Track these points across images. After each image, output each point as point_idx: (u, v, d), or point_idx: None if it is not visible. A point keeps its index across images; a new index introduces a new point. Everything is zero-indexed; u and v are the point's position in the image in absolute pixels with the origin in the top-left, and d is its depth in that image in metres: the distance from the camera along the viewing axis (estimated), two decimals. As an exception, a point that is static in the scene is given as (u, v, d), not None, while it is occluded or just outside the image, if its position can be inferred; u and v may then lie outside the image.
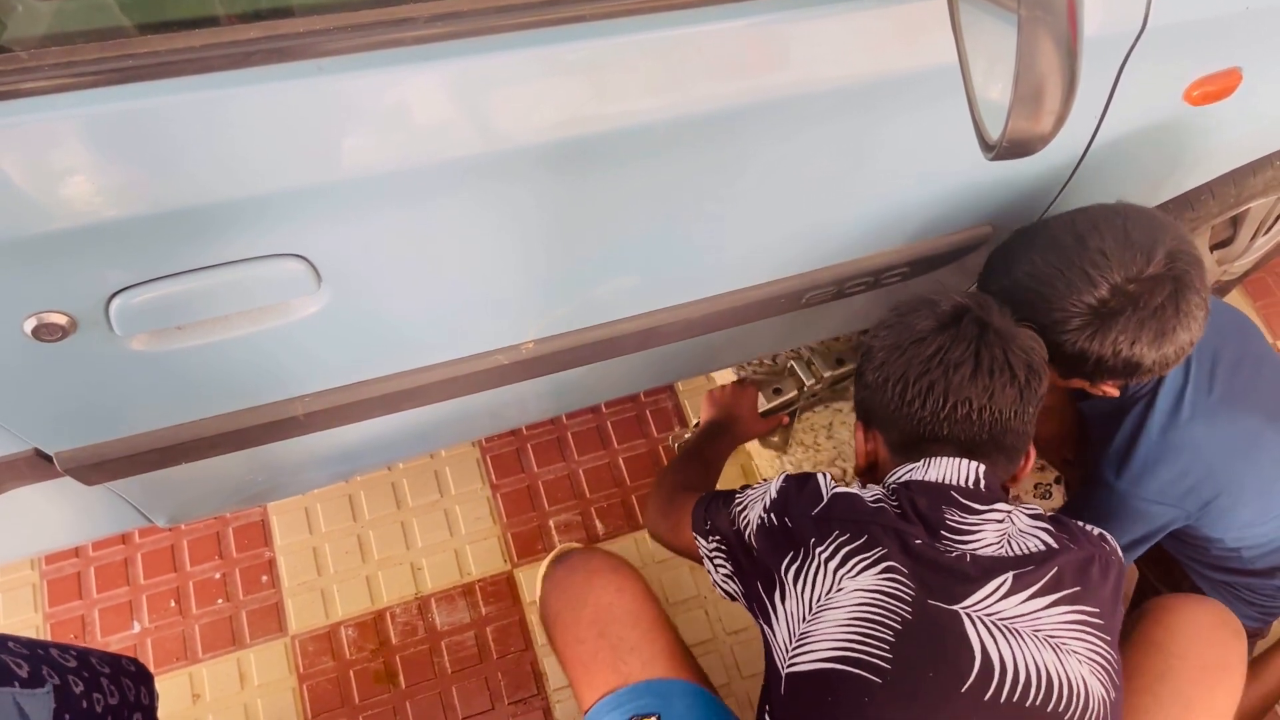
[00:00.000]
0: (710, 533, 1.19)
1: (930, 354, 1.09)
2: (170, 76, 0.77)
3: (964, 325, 1.10)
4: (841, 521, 1.06)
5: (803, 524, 1.08)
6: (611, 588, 1.22)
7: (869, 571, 1.03)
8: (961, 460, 1.09)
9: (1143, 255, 1.12)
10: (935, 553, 1.04)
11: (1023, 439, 1.13)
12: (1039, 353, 1.12)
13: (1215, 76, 1.16)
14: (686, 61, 0.91)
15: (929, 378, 1.09)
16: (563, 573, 1.26)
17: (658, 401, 2.01)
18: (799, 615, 1.05)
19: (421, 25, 0.82)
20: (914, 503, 1.07)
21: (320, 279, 0.94)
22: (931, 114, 1.06)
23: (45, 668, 1.03)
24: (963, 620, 1.00)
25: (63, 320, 0.86)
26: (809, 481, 1.13)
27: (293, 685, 1.70)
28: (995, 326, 1.10)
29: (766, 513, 1.11)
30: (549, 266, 1.07)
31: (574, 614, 1.21)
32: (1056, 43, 0.74)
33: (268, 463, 1.23)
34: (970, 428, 1.09)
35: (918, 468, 1.10)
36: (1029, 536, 1.08)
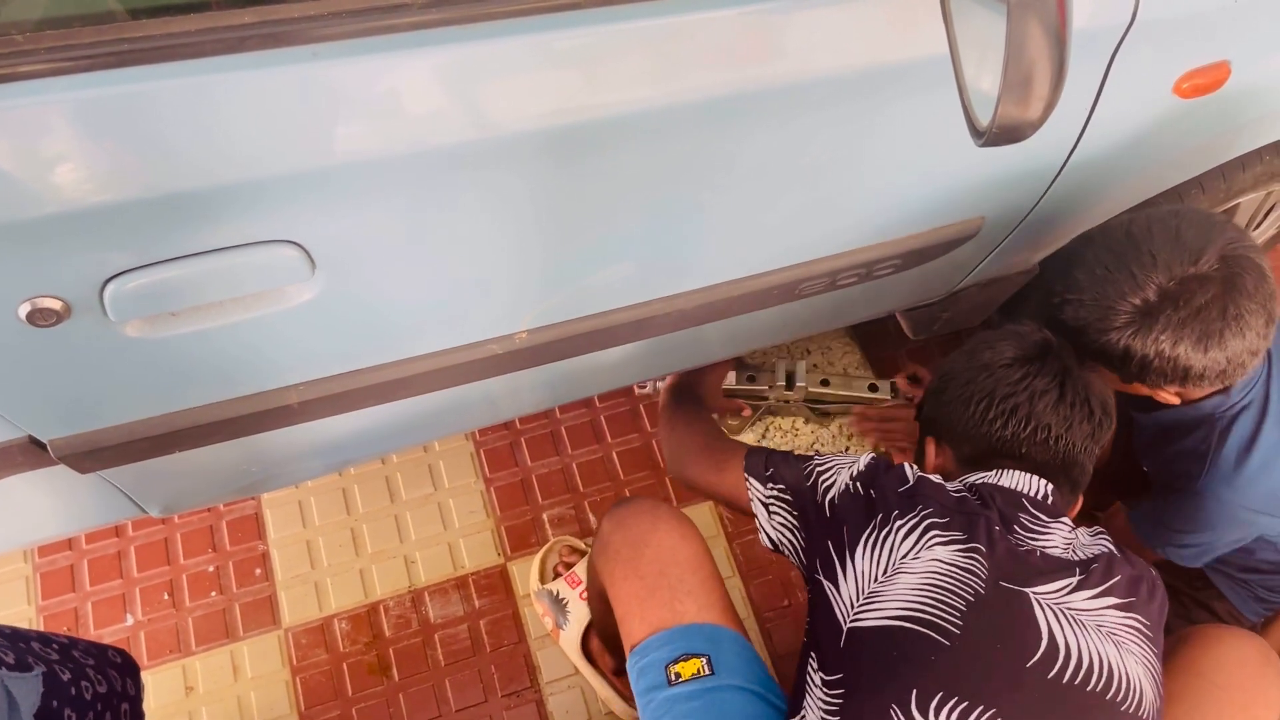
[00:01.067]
0: (772, 480, 1.23)
1: (1018, 378, 1.17)
2: (165, 61, 0.77)
3: (1049, 359, 1.19)
4: (927, 499, 1.11)
5: (889, 497, 1.13)
6: (676, 533, 1.23)
7: (948, 547, 1.08)
8: (1032, 475, 1.16)
9: (1190, 255, 1.14)
10: (1009, 543, 1.09)
11: (1084, 476, 1.21)
12: (1112, 399, 1.21)
13: (1205, 70, 1.17)
14: (681, 50, 0.92)
15: (1015, 399, 1.16)
16: (628, 512, 1.26)
17: (651, 396, 2.01)
18: (871, 575, 1.09)
19: (416, 11, 0.82)
20: (990, 501, 1.12)
21: (314, 266, 0.94)
22: (925, 104, 1.07)
23: (30, 657, 1.03)
24: (1032, 603, 1.05)
25: (57, 305, 0.86)
26: (896, 466, 1.18)
27: (286, 678, 1.70)
28: (1075, 367, 1.19)
29: (853, 480, 1.16)
30: (543, 255, 1.07)
31: (636, 551, 1.21)
32: (1046, 29, 0.75)
33: (262, 452, 1.23)
34: (1045, 452, 1.16)
35: (990, 475, 1.17)
36: (1092, 547, 1.13)
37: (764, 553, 1.86)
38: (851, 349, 1.95)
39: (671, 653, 1.12)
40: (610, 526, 1.26)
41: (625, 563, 1.21)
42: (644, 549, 1.20)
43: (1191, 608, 1.62)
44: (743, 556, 1.85)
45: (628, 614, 1.19)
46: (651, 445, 1.96)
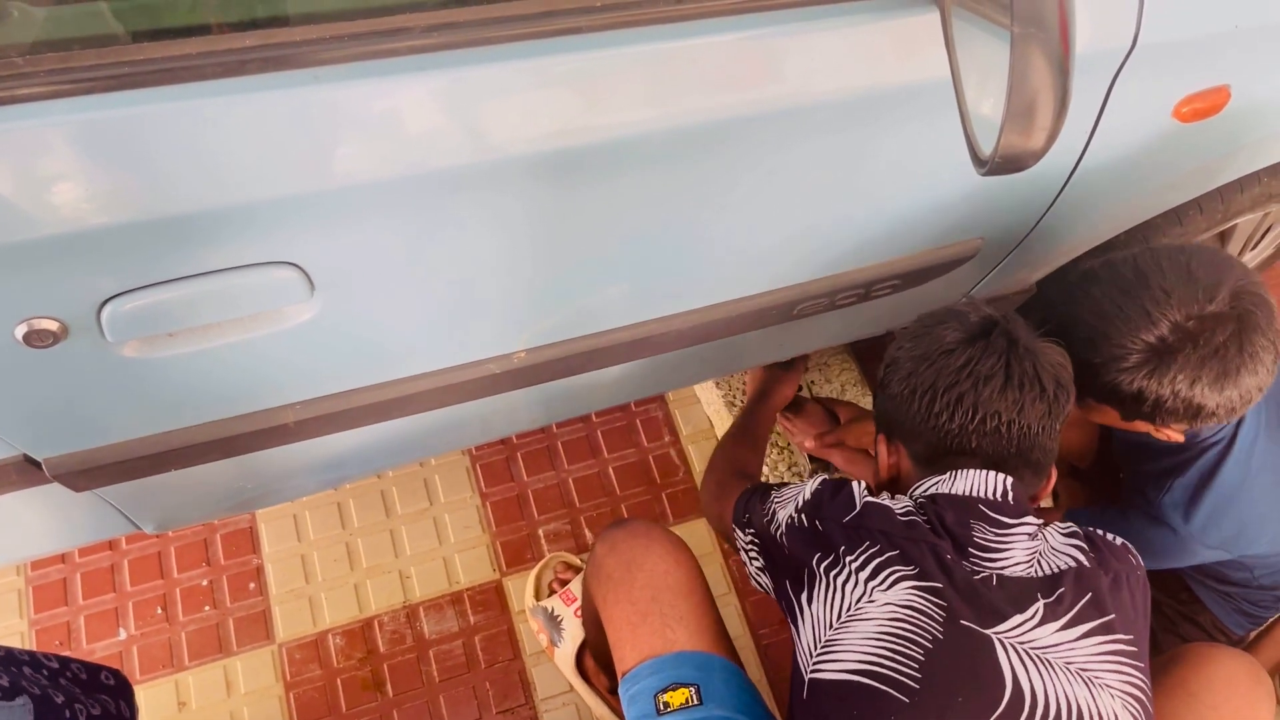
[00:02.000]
0: (746, 525, 1.20)
1: (960, 365, 1.08)
2: (165, 84, 0.77)
3: (994, 338, 1.09)
4: (873, 532, 1.05)
5: (833, 529, 1.07)
6: (670, 558, 1.21)
7: (900, 586, 1.02)
8: (989, 473, 1.08)
9: (1205, 293, 1.12)
10: (965, 573, 1.03)
11: (1048, 455, 1.12)
12: (1067, 369, 1.12)
13: (1204, 94, 1.17)
14: (680, 74, 0.92)
15: (958, 389, 1.08)
16: (622, 535, 1.25)
17: (648, 411, 2.01)
18: (825, 621, 1.04)
19: (417, 35, 0.82)
20: (942, 518, 1.06)
21: (313, 287, 0.94)
22: (924, 128, 1.07)
23: (23, 681, 1.02)
24: (995, 646, 0.99)
25: (54, 326, 0.86)
26: (843, 488, 1.11)
27: (279, 693, 1.69)
28: (1024, 341, 1.09)
29: (798, 513, 1.11)
30: (541, 276, 1.07)
31: (629, 574, 1.20)
32: (1049, 59, 0.75)
33: (257, 470, 1.22)
34: (998, 441, 1.08)
35: (944, 480, 1.09)
36: (1061, 555, 1.07)
37: (760, 569, 1.85)
38: (849, 366, 1.95)
39: (661, 681, 1.11)
40: (604, 549, 1.25)
41: (617, 586, 1.20)
42: (637, 573, 1.20)
43: (1177, 621, 1.62)
44: (738, 573, 1.85)
45: (619, 639, 1.18)
46: (648, 460, 1.96)
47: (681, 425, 2.00)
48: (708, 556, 1.86)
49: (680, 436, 1.99)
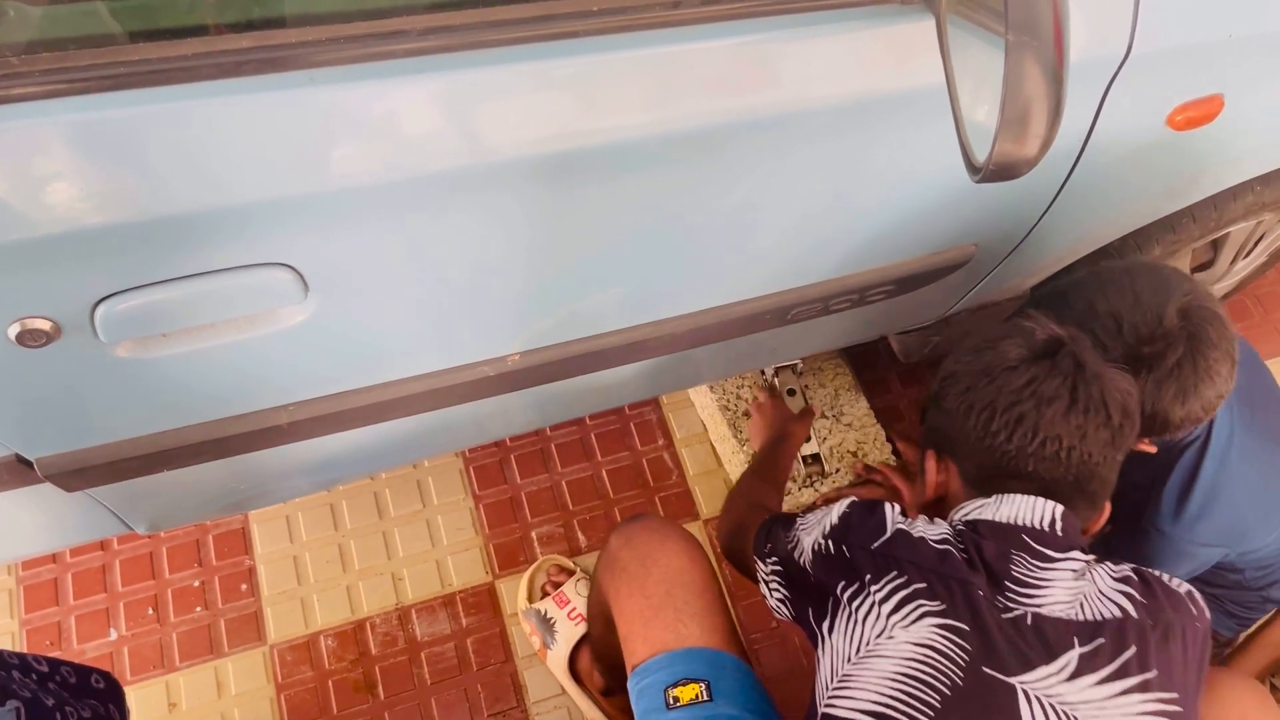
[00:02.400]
0: (769, 555, 1.16)
1: (1022, 384, 1.02)
2: (161, 85, 0.77)
3: (1060, 359, 1.03)
4: (902, 562, 1.00)
5: (860, 556, 1.02)
6: (685, 554, 1.21)
7: (924, 622, 0.96)
8: (1038, 500, 1.02)
9: (1153, 315, 1.13)
10: (996, 611, 0.96)
11: (1105, 487, 1.06)
12: (1134, 397, 1.06)
13: (1198, 102, 1.17)
14: (677, 79, 0.92)
15: (1019, 409, 1.01)
16: (638, 529, 1.24)
17: (642, 414, 2.01)
18: (844, 654, 1.00)
19: (414, 38, 0.82)
20: (980, 548, 1.00)
21: (308, 288, 0.94)
22: (919, 134, 1.07)
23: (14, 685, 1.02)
24: (1018, 696, 0.93)
25: (47, 326, 0.86)
26: (875, 511, 1.06)
27: (270, 695, 1.68)
28: (1091, 364, 1.03)
29: (825, 538, 1.06)
30: (537, 279, 1.07)
31: (644, 569, 1.19)
32: (1043, 68, 0.75)
33: (250, 471, 1.22)
34: (1056, 467, 1.02)
35: (989, 504, 1.04)
36: (1107, 601, 0.99)
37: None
38: (843, 371, 1.95)
39: (671, 675, 1.11)
40: (619, 543, 1.24)
41: (632, 580, 1.19)
42: (652, 568, 1.19)
43: None
44: (732, 577, 1.84)
45: (631, 633, 1.17)
46: (642, 463, 1.96)
47: (675, 429, 2.00)
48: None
49: (674, 440, 1.99)
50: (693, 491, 1.93)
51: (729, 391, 1.91)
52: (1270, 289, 2.30)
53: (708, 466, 1.96)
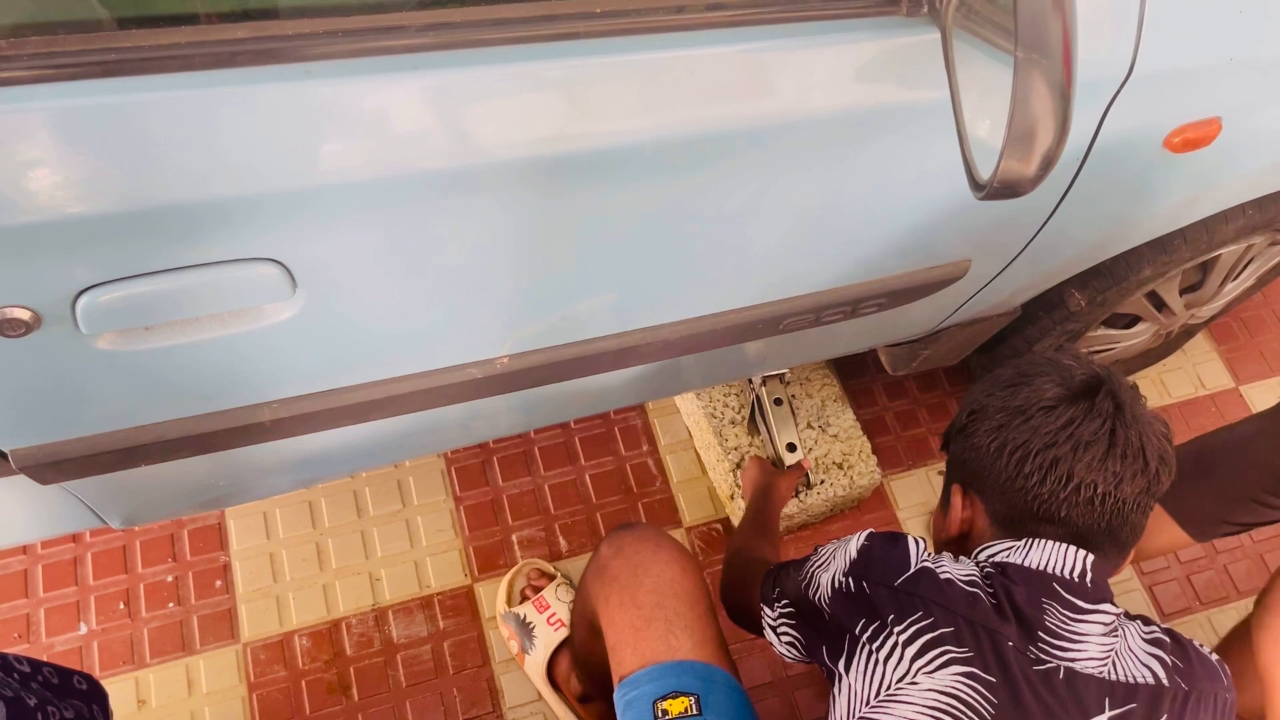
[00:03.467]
0: (777, 600, 1.12)
1: (1059, 426, 0.98)
2: (152, 73, 0.75)
3: (1099, 400, 0.99)
4: (928, 603, 0.95)
5: (882, 594, 0.98)
6: (676, 565, 1.19)
7: (949, 670, 0.92)
8: (1069, 547, 0.98)
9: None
10: (1027, 663, 0.92)
11: (1135, 534, 1.02)
12: (1171, 443, 1.02)
13: (1196, 125, 1.17)
14: (676, 84, 0.91)
15: (1054, 452, 0.97)
16: (629, 538, 1.22)
17: (627, 419, 2.00)
18: (863, 695, 0.96)
19: (413, 34, 0.81)
20: (1011, 594, 0.95)
21: (295, 284, 0.92)
22: (918, 148, 1.06)
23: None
24: None
25: (26, 316, 0.84)
26: (897, 544, 1.02)
27: (242, 694, 1.66)
28: (1130, 407, 0.99)
29: (845, 575, 1.02)
30: (528, 282, 1.06)
31: (635, 579, 1.17)
32: (1052, 86, 0.74)
33: (230, 467, 1.20)
34: (1089, 514, 0.98)
35: (1016, 548, 1.00)
36: (1140, 666, 0.96)
37: (734, 582, 1.85)
38: (830, 381, 1.94)
39: (661, 689, 1.09)
40: (610, 551, 1.22)
41: (623, 590, 1.17)
42: (644, 577, 1.17)
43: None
44: (713, 585, 1.83)
45: (620, 643, 1.15)
46: (625, 469, 1.94)
47: (660, 435, 1.98)
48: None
49: (658, 446, 1.97)
50: (676, 498, 1.92)
51: (715, 399, 1.90)
52: (1255, 313, 2.32)
53: (692, 474, 1.95)
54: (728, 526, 1.90)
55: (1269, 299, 2.35)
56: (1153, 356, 2.08)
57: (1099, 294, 1.55)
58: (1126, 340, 1.86)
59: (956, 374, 2.13)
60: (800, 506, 1.79)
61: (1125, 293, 1.57)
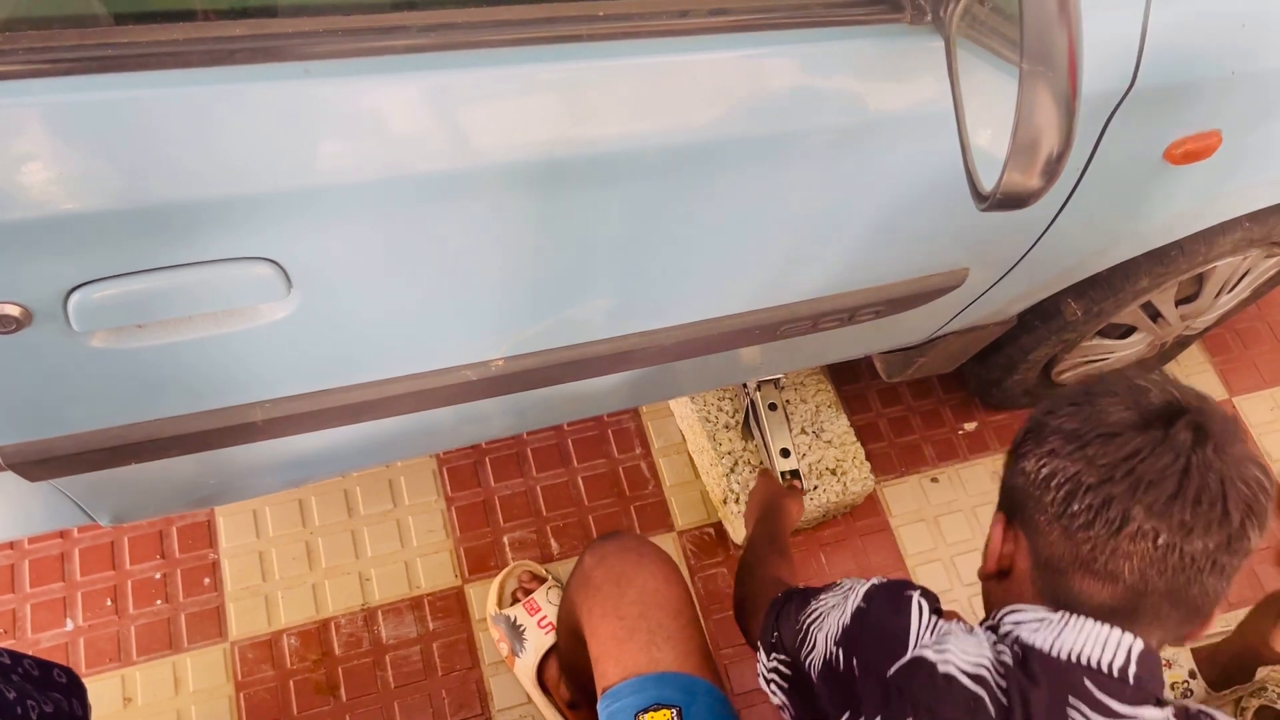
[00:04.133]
0: (774, 648, 1.03)
1: (1120, 458, 0.80)
2: (149, 69, 0.74)
3: (1176, 430, 0.80)
4: (919, 707, 0.81)
5: (870, 686, 0.84)
6: (661, 575, 1.18)
7: None
8: (1112, 631, 0.81)
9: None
10: None
11: (1211, 599, 0.82)
12: (1267, 492, 0.82)
13: (1197, 137, 1.17)
14: (674, 90, 0.90)
15: (1109, 489, 0.79)
16: (613, 548, 1.21)
17: (620, 421, 1.99)
18: None
19: (413, 34, 0.80)
20: (1027, 698, 0.79)
21: (291, 284, 0.91)
22: (917, 157, 1.06)
23: None
24: None
25: (16, 312, 0.83)
26: (899, 610, 0.88)
27: (229, 693, 1.65)
28: (1216, 439, 0.80)
29: (836, 645, 0.90)
30: (524, 285, 1.05)
31: (619, 589, 1.16)
32: (1056, 98, 0.74)
33: (221, 466, 1.19)
34: (1146, 569, 0.79)
35: (1048, 624, 0.83)
36: None
37: (725, 587, 1.84)
38: (825, 387, 1.94)
39: (643, 700, 1.08)
40: (593, 561, 1.21)
41: (605, 601, 1.16)
42: (627, 588, 1.16)
43: None
44: (703, 590, 1.83)
45: (603, 654, 1.15)
46: (618, 471, 1.93)
47: (654, 438, 1.98)
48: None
49: (651, 449, 1.97)
50: (669, 502, 1.92)
51: (709, 403, 1.90)
52: (1250, 324, 2.32)
53: (685, 477, 1.94)
54: (720, 531, 1.89)
55: (1263, 311, 2.35)
56: (1147, 367, 2.08)
57: (1095, 304, 1.55)
58: (1121, 350, 1.86)
59: (951, 381, 2.13)
60: (793, 512, 1.79)
61: (1121, 303, 1.57)
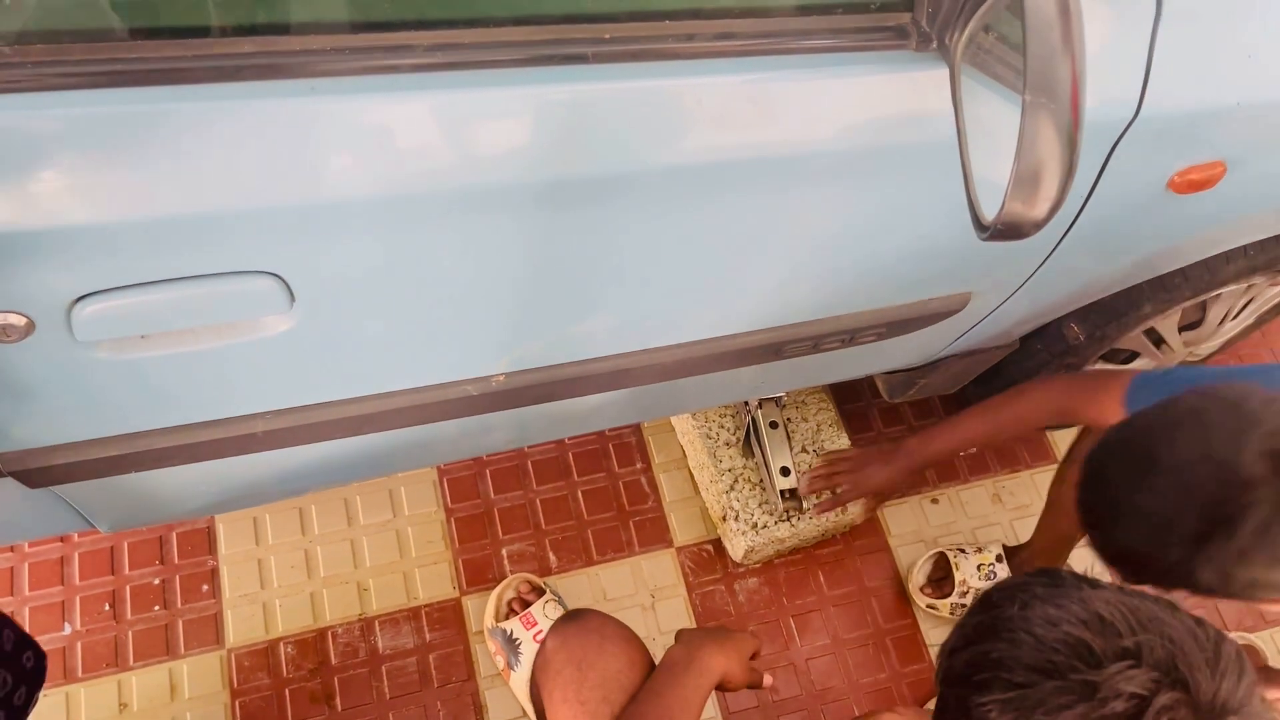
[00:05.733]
0: None
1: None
2: (158, 84, 0.75)
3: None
4: None
5: None
6: (624, 657, 1.16)
7: None
8: None
9: (1229, 466, 0.89)
10: None
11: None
12: None
13: (1201, 167, 1.17)
14: (684, 112, 0.91)
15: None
16: (573, 630, 1.20)
17: (621, 436, 1.99)
18: None
19: (420, 54, 0.80)
20: None
21: (294, 298, 0.91)
22: (921, 181, 1.06)
23: None
24: None
25: (20, 321, 0.83)
26: None
27: (225, 700, 1.65)
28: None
29: None
30: (527, 302, 1.05)
31: (580, 672, 1.15)
32: (1058, 130, 0.74)
33: (221, 476, 1.19)
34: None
35: None
36: None
37: (723, 604, 1.84)
38: (826, 406, 1.94)
39: None
40: (554, 644, 1.19)
41: (566, 685, 1.15)
42: (588, 672, 1.15)
43: None
44: (701, 607, 1.83)
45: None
46: (618, 486, 1.93)
47: (654, 453, 1.98)
48: (673, 588, 1.84)
49: (652, 464, 1.97)
50: (667, 517, 1.92)
51: (710, 419, 1.90)
52: (1254, 351, 2.32)
53: (684, 493, 1.94)
54: (718, 547, 1.89)
55: (1268, 338, 2.35)
56: (1149, 392, 2.08)
57: (1098, 329, 1.55)
58: (1124, 375, 1.85)
59: (953, 402, 2.13)
60: (792, 531, 1.79)
61: (1124, 328, 1.57)
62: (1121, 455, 0.99)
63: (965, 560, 1.85)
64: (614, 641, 1.18)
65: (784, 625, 1.84)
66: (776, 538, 1.78)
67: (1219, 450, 0.90)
